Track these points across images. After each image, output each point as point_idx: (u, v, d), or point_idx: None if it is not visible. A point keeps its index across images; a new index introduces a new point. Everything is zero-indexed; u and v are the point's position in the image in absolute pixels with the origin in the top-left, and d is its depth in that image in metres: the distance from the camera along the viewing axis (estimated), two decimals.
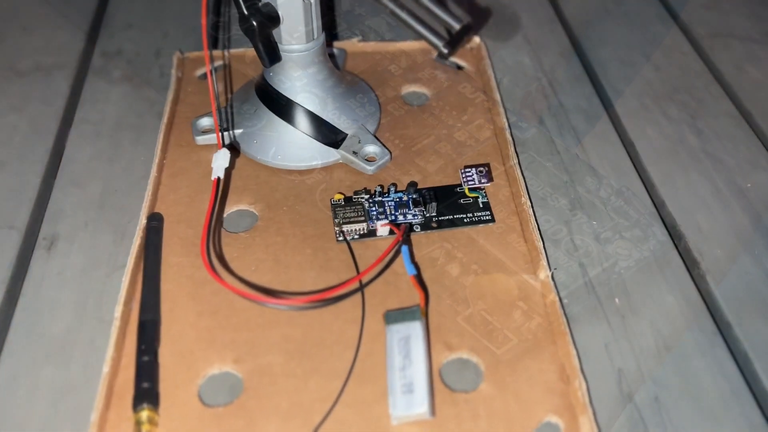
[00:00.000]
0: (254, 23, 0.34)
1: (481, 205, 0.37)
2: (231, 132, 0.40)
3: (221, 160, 0.34)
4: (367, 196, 0.37)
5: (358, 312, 0.33)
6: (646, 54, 0.49)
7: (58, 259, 0.36)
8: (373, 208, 0.36)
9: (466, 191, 0.37)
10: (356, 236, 0.36)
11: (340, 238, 0.36)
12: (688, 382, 0.31)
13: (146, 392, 0.29)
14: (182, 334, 0.32)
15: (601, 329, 0.33)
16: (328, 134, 0.39)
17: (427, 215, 0.37)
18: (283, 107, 0.39)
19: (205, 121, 0.41)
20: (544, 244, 0.36)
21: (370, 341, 0.32)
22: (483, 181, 0.36)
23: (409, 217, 0.36)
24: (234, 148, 0.40)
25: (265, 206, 0.38)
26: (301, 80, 0.38)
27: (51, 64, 0.47)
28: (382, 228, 0.35)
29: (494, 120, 0.42)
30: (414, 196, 0.37)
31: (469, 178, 0.36)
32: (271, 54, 0.36)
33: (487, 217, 0.37)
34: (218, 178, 0.34)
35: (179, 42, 0.49)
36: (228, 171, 0.39)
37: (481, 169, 0.37)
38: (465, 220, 0.36)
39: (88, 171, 0.40)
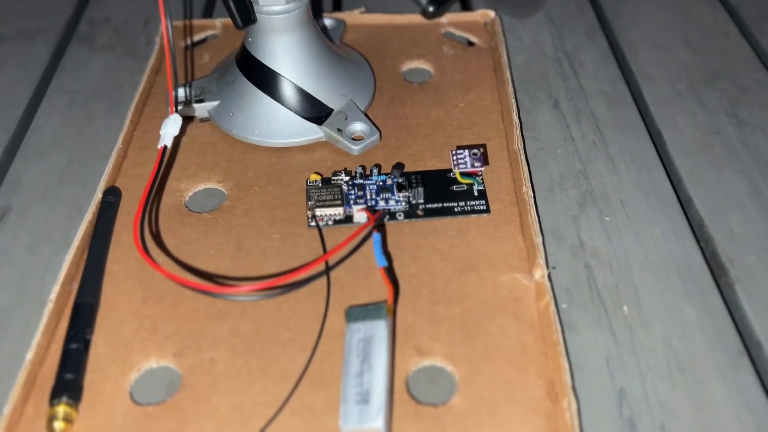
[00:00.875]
0: None
1: (476, 193, 0.33)
2: (177, 102, 0.36)
3: (171, 126, 0.30)
4: (347, 178, 0.33)
5: (320, 307, 0.29)
6: (684, 36, 0.43)
7: (7, 233, 0.33)
8: (352, 192, 0.32)
9: (457, 176, 0.32)
10: (330, 222, 0.32)
11: (312, 223, 0.32)
12: (703, 410, 0.26)
13: (68, 384, 0.25)
14: (121, 322, 0.28)
15: (604, 341, 0.28)
16: (311, 109, 0.35)
17: (413, 202, 0.32)
18: (262, 77, 0.35)
19: (182, 92, 0.37)
20: (543, 239, 0.31)
21: (330, 341, 0.27)
22: (476, 164, 0.32)
23: (392, 203, 0.32)
24: (185, 120, 0.37)
25: (234, 185, 0.34)
26: (281, 47, 0.35)
27: (35, 30, 0.44)
28: (359, 214, 0.31)
29: (502, 101, 0.38)
30: (399, 180, 0.32)
31: (460, 161, 0.32)
32: (243, 14, 0.32)
33: (482, 207, 0.32)
34: (165, 147, 0.30)
35: (171, 10, 0.45)
36: (200, 145, 0.36)
37: (475, 151, 0.32)
38: (456, 210, 0.32)
39: (54, 142, 0.37)
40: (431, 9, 0.38)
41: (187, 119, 0.37)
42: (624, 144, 0.36)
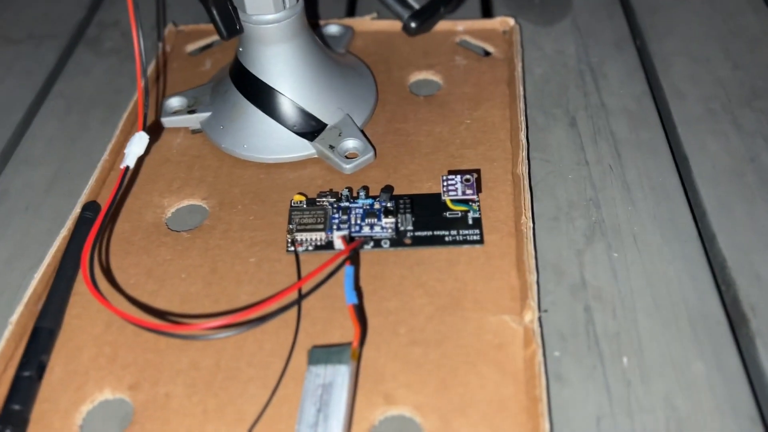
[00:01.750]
0: None
1: (470, 222, 0.30)
2: (146, 118, 0.35)
3: (135, 146, 0.28)
4: (332, 200, 0.31)
5: (290, 342, 0.27)
6: (725, 48, 0.39)
7: None
8: (336, 215, 0.30)
9: (448, 203, 0.30)
10: (310, 247, 0.30)
11: (291, 248, 0.30)
12: None
13: (13, 416, 0.24)
14: (81, 348, 0.27)
15: (596, 397, 0.25)
16: (303, 124, 0.33)
17: (401, 229, 0.30)
18: (252, 89, 0.33)
19: (176, 102, 0.36)
20: (539, 276, 0.28)
21: (293, 381, 0.25)
22: (468, 192, 0.29)
23: (377, 229, 0.30)
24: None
25: (218, 203, 0.32)
26: (272, 58, 0.33)
27: (44, 34, 0.44)
28: (339, 240, 0.29)
29: (512, 118, 0.35)
30: (386, 204, 0.30)
31: (450, 187, 0.29)
32: (228, 23, 0.30)
33: (475, 237, 0.29)
34: (127, 168, 0.28)
35: (182, 14, 0.44)
36: (189, 159, 0.34)
37: (468, 177, 0.29)
38: (446, 239, 0.29)
39: (46, 150, 0.36)
40: (413, 25, 0.35)
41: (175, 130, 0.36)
42: (644, 169, 0.33)
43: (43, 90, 0.40)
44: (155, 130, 0.36)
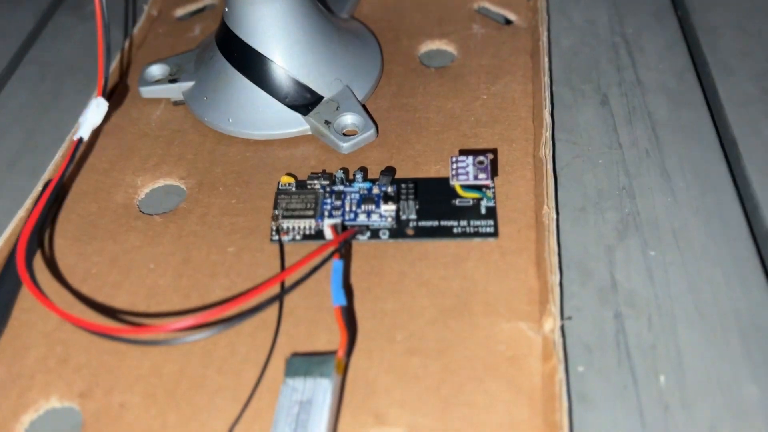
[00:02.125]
0: None
1: (483, 211, 0.26)
2: (107, 83, 0.31)
3: (91, 114, 0.25)
4: (325, 183, 0.27)
5: (268, 346, 0.23)
6: None
7: None
8: (328, 201, 0.26)
9: (457, 188, 0.26)
10: (298, 236, 0.26)
11: (275, 237, 0.26)
12: None
13: None
14: (28, 347, 0.23)
15: (628, 423, 0.21)
16: (296, 95, 0.29)
17: (403, 218, 0.26)
18: (239, 55, 0.29)
19: (157, 70, 0.32)
20: (561, 276, 0.24)
21: (270, 393, 0.22)
22: (481, 176, 0.25)
23: (375, 218, 0.26)
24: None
25: (197, 183, 0.28)
26: (261, 20, 0.29)
27: None
28: (329, 230, 0.25)
29: (534, 94, 0.31)
30: (386, 189, 0.26)
31: (461, 170, 0.25)
32: None
33: (489, 230, 0.25)
34: (80, 140, 0.24)
35: None
36: (169, 133, 0.31)
37: (482, 159, 0.25)
38: (455, 230, 0.25)
39: (13, 121, 0.33)
40: None
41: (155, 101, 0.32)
42: (686, 155, 0.28)
43: (17, 56, 0.36)
44: (124, 97, 0.32)
